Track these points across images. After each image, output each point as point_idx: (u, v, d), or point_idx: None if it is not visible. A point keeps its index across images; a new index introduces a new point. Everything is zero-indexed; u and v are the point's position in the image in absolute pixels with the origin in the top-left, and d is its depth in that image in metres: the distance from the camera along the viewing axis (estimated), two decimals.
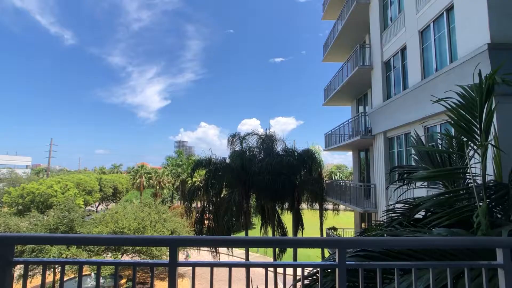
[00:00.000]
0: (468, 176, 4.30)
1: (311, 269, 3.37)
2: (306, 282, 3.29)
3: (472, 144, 3.80)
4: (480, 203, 3.40)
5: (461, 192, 4.16)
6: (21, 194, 30.42)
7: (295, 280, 2.77)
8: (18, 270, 18.02)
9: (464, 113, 3.78)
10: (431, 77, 10.43)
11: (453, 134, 5.18)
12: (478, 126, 3.69)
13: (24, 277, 2.15)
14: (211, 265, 1.94)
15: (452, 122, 3.85)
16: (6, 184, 44.41)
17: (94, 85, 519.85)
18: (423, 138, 10.56)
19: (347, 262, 1.89)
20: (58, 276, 18.00)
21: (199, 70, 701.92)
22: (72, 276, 19.34)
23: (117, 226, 19.89)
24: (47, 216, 21.15)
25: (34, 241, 1.95)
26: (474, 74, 3.85)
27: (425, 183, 7.75)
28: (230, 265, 1.98)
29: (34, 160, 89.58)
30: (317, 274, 3.29)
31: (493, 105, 3.69)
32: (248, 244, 1.94)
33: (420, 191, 8.80)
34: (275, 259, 19.50)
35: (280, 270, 17.51)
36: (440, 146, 5.81)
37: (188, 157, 57.16)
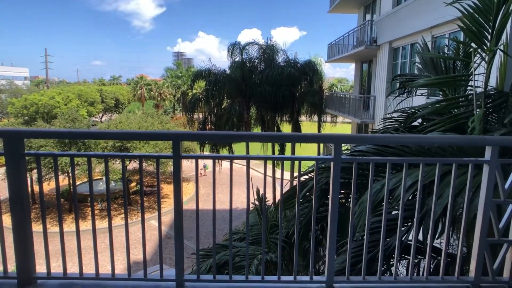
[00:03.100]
0: (470, 85, 4.26)
1: (308, 167, 3.60)
2: (301, 180, 3.53)
3: (480, 51, 3.68)
4: (478, 111, 3.44)
5: (460, 99, 4.16)
6: (24, 105, 30.45)
7: (292, 177, 2.99)
8: (33, 174, 19.28)
9: (477, 16, 3.57)
10: None
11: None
12: (490, 31, 3.53)
13: (38, 170, 2.28)
14: (213, 158, 2.09)
15: (464, 27, 3.66)
16: (7, 96, 44.27)
17: None
18: (429, 45, 10.17)
19: (342, 157, 2.01)
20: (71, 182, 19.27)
21: None
22: (85, 179, 20.62)
23: None
24: (53, 126, 21.67)
25: (42, 135, 2.05)
26: None
27: (426, 93, 7.73)
28: (231, 158, 2.13)
29: (31, 71, 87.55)
30: (313, 173, 3.52)
31: (511, 8, 3.46)
32: (248, 138, 2.04)
33: (420, 101, 8.82)
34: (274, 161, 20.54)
35: (278, 175, 18.62)
36: (446, 55, 5.62)
37: (187, 69, 55.85)
